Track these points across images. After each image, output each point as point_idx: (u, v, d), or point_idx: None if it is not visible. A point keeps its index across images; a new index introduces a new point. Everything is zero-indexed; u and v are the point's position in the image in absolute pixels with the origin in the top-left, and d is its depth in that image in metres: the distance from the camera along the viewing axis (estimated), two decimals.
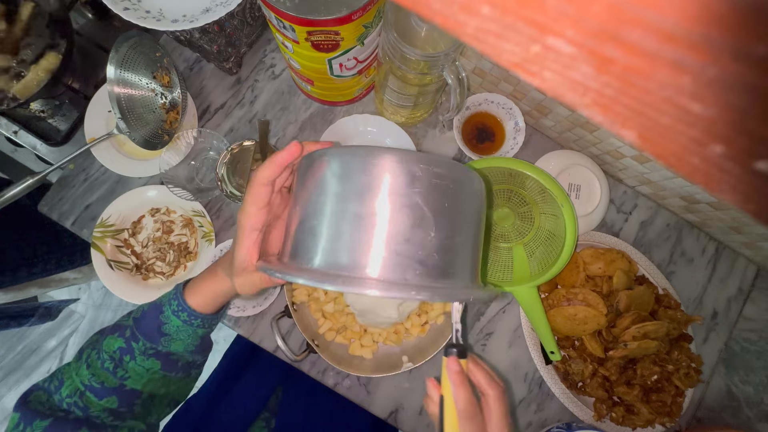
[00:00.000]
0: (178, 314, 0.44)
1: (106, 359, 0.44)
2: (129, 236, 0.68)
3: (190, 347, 0.46)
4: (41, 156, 0.78)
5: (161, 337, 0.45)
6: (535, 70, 0.11)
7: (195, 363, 0.50)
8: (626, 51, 0.09)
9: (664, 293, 0.68)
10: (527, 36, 0.10)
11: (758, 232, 0.64)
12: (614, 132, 0.11)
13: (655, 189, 0.69)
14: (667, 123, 0.10)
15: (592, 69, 0.10)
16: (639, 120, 0.10)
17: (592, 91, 0.10)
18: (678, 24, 0.08)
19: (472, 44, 0.11)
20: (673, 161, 0.11)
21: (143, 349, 0.44)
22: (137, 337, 0.45)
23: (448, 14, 0.11)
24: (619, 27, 0.09)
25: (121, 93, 0.62)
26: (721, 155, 0.10)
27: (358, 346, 0.62)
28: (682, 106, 0.10)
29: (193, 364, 0.49)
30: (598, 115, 0.11)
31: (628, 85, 0.10)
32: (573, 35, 0.10)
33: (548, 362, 0.65)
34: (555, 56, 0.10)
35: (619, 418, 0.63)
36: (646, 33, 0.09)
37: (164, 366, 0.45)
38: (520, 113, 0.68)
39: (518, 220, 0.69)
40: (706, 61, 0.09)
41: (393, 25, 0.48)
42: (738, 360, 0.70)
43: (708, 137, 0.10)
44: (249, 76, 0.73)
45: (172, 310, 0.44)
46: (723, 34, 0.08)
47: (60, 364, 1.38)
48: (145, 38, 0.61)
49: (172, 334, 0.45)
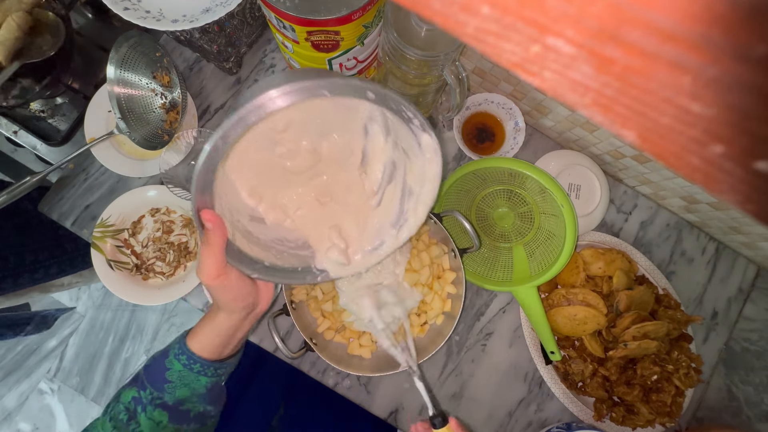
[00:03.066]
0: (179, 357, 0.44)
1: (122, 410, 0.43)
2: (129, 236, 0.68)
3: (197, 394, 0.45)
4: (41, 156, 0.78)
5: (165, 384, 0.44)
6: (535, 70, 0.11)
7: (209, 413, 0.47)
8: (626, 51, 0.09)
9: (664, 293, 0.68)
10: (527, 36, 0.10)
11: (758, 232, 0.64)
12: (614, 132, 0.11)
13: (655, 189, 0.69)
14: (667, 123, 0.10)
15: (592, 69, 0.10)
16: (639, 120, 0.10)
17: (592, 91, 0.10)
18: (678, 24, 0.08)
19: (472, 44, 0.11)
20: (673, 161, 0.11)
21: (150, 399, 0.43)
22: (145, 385, 0.44)
23: (448, 14, 0.11)
24: (619, 27, 0.09)
25: (121, 93, 0.62)
26: (721, 155, 0.10)
27: (357, 346, 0.62)
28: (682, 106, 0.10)
29: (206, 414, 0.47)
30: (598, 115, 0.11)
31: (628, 85, 0.10)
32: (573, 35, 0.10)
33: (548, 362, 0.65)
34: (555, 56, 0.10)
35: (619, 418, 0.63)
36: (646, 33, 0.09)
37: (172, 418, 0.44)
38: (520, 113, 0.68)
39: (518, 220, 0.69)
40: (706, 61, 0.09)
41: (393, 25, 0.48)
42: (738, 360, 0.70)
43: (708, 137, 0.10)
44: (249, 76, 0.73)
45: (175, 354, 0.44)
46: (723, 34, 0.08)
47: (60, 364, 1.39)
48: (145, 38, 0.60)
49: (175, 381, 0.44)
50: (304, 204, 0.50)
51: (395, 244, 0.50)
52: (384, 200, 0.50)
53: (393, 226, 0.50)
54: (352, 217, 0.51)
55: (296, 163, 0.47)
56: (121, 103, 0.62)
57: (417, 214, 0.49)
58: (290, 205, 0.50)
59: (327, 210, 0.51)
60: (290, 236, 0.49)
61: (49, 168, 0.61)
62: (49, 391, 1.38)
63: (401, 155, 0.47)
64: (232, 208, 0.44)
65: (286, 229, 0.49)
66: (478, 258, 0.69)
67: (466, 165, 0.64)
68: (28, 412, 1.37)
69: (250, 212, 0.47)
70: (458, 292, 0.60)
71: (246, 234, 0.45)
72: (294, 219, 0.50)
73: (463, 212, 0.60)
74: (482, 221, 0.70)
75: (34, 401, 1.37)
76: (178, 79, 0.64)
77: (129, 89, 0.63)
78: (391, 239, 0.50)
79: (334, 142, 0.47)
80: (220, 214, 0.40)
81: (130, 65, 0.62)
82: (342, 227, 0.51)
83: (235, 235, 0.43)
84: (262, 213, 0.48)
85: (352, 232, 0.51)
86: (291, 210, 0.50)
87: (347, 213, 0.51)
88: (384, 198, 0.50)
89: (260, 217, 0.48)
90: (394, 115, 0.41)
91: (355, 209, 0.51)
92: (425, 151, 0.44)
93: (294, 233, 0.50)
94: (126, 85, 0.62)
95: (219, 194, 0.41)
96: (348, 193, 0.50)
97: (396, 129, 0.44)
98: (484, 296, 0.70)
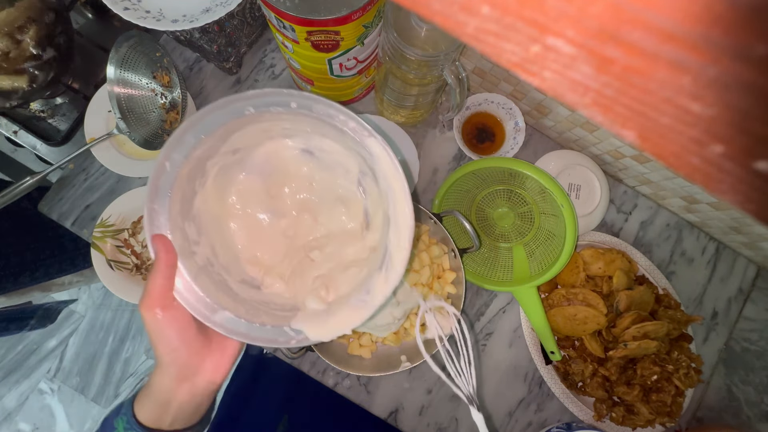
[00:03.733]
0: (122, 418, 0.35)
1: None
2: (129, 236, 0.68)
3: None
4: (41, 156, 0.78)
5: None
6: (535, 70, 0.11)
7: None
8: (626, 51, 0.09)
9: (664, 293, 0.68)
10: (527, 36, 0.10)
11: (758, 232, 0.64)
12: (614, 132, 0.11)
13: (655, 189, 0.69)
14: (667, 123, 0.10)
15: (592, 69, 0.10)
16: (639, 120, 0.10)
17: (592, 91, 0.10)
18: (678, 24, 0.08)
19: (472, 44, 0.11)
20: (673, 161, 0.11)
21: None
22: None
23: (448, 14, 0.11)
24: (619, 27, 0.09)
25: (121, 93, 0.62)
26: (721, 155, 0.10)
27: (357, 346, 0.62)
28: (682, 106, 0.10)
29: None
30: (598, 115, 0.11)
31: (628, 85, 0.10)
32: (573, 35, 0.10)
33: (548, 362, 0.65)
34: (555, 56, 0.10)
35: (619, 418, 0.63)
36: (646, 33, 0.09)
37: None
38: (520, 113, 0.68)
39: (518, 220, 0.69)
40: (706, 61, 0.09)
41: (393, 25, 0.48)
42: (738, 360, 0.70)
43: (708, 137, 0.10)
44: (249, 76, 0.73)
45: (123, 412, 0.36)
46: (723, 34, 0.08)
47: (60, 364, 1.39)
48: (145, 38, 0.60)
49: None
50: (300, 268, 0.45)
51: (384, 291, 0.38)
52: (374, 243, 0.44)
53: (379, 268, 0.39)
54: (343, 269, 0.44)
55: (297, 231, 0.45)
56: (121, 103, 0.62)
57: (400, 246, 0.37)
58: (288, 271, 0.44)
59: (317, 265, 0.45)
60: (279, 300, 0.43)
61: (49, 168, 0.61)
62: (49, 391, 1.38)
63: (383, 184, 0.38)
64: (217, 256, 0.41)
65: (278, 294, 0.44)
66: (478, 258, 0.69)
67: (466, 165, 0.64)
68: (28, 412, 1.37)
69: (246, 277, 0.42)
70: (458, 292, 0.60)
71: (218, 280, 0.39)
72: (289, 283, 0.44)
73: (463, 212, 0.60)
74: (482, 221, 0.70)
75: (34, 401, 1.37)
76: (178, 79, 0.64)
77: (129, 89, 0.63)
78: (379, 285, 0.39)
79: (336, 212, 0.44)
80: (192, 240, 0.37)
81: (130, 65, 0.62)
82: (330, 280, 0.43)
83: (198, 275, 0.37)
84: (260, 282, 0.43)
85: (341, 286, 0.43)
86: (288, 276, 0.44)
87: (340, 266, 0.44)
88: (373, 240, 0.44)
89: (257, 284, 0.43)
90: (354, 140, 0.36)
91: (351, 261, 0.44)
92: (379, 161, 0.36)
93: (285, 297, 0.44)
94: (126, 85, 0.62)
95: (202, 225, 0.40)
96: (346, 248, 0.45)
97: (371, 164, 0.38)
98: (484, 296, 0.70)
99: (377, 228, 0.43)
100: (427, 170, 0.72)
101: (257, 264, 0.45)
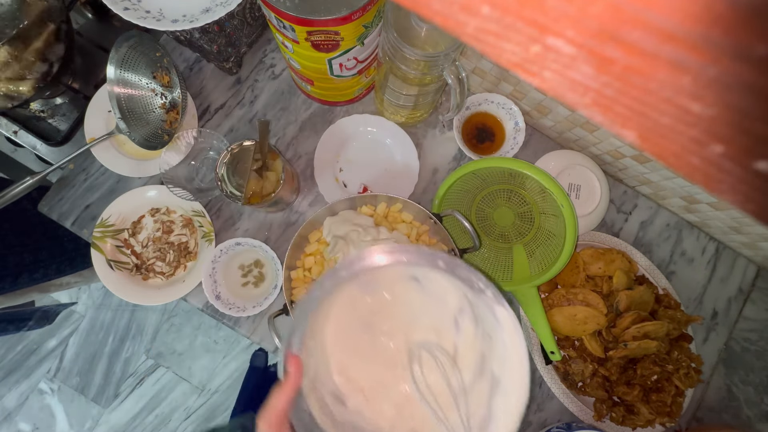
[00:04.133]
0: None
1: None
2: (129, 236, 0.68)
3: None
4: (41, 156, 0.78)
5: None
6: (535, 70, 0.11)
7: None
8: (626, 51, 0.09)
9: (664, 293, 0.68)
10: (527, 36, 0.10)
11: (758, 232, 0.64)
12: (614, 132, 0.11)
13: (655, 189, 0.69)
14: (667, 123, 0.10)
15: (592, 69, 0.10)
16: (639, 120, 0.10)
17: (592, 91, 0.10)
18: (678, 24, 0.08)
19: (472, 44, 0.11)
20: (673, 161, 0.11)
21: None
22: None
23: (448, 14, 0.11)
24: (619, 27, 0.09)
25: (121, 93, 0.62)
26: (721, 155, 0.10)
27: None
28: (682, 106, 0.10)
29: None
30: (598, 115, 0.11)
31: (628, 85, 0.10)
32: (573, 35, 0.10)
33: (548, 362, 0.65)
34: (555, 56, 0.10)
35: (619, 418, 0.63)
36: (646, 33, 0.09)
37: None
38: (520, 113, 0.68)
39: (518, 220, 0.69)
40: (706, 61, 0.09)
41: (393, 25, 0.48)
42: (738, 360, 0.70)
43: (708, 137, 0.10)
44: (249, 76, 0.73)
45: None
46: (723, 34, 0.08)
47: (60, 364, 1.39)
48: (145, 38, 0.60)
49: None
50: (389, 397, 0.46)
51: None
52: (472, 399, 0.45)
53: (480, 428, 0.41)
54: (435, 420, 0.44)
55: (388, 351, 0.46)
56: (121, 103, 0.62)
57: (508, 411, 0.40)
58: (373, 394, 0.46)
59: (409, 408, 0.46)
60: (367, 427, 0.45)
61: (49, 168, 0.61)
62: (49, 391, 1.38)
63: (487, 342, 0.42)
64: (317, 374, 0.43)
65: (364, 417, 0.45)
66: (478, 258, 0.69)
67: (466, 165, 0.64)
68: (28, 412, 1.37)
69: (334, 388, 0.45)
70: None
71: (321, 403, 0.43)
72: (374, 410, 0.45)
73: (463, 212, 0.60)
74: (482, 221, 0.70)
75: (34, 401, 1.37)
76: (178, 79, 0.64)
77: (129, 89, 0.63)
78: None
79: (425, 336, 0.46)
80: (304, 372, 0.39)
81: (130, 65, 0.62)
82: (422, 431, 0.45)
83: (310, 398, 0.40)
84: (344, 393, 0.45)
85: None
86: (373, 399, 0.46)
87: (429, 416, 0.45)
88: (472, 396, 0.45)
89: (342, 398, 0.45)
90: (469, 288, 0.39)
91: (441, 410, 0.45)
92: (503, 327, 0.39)
93: (371, 425, 0.45)
94: (126, 85, 0.62)
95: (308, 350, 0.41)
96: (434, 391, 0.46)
97: (481, 314, 0.41)
98: None
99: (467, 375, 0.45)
100: (427, 170, 0.72)
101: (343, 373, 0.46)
